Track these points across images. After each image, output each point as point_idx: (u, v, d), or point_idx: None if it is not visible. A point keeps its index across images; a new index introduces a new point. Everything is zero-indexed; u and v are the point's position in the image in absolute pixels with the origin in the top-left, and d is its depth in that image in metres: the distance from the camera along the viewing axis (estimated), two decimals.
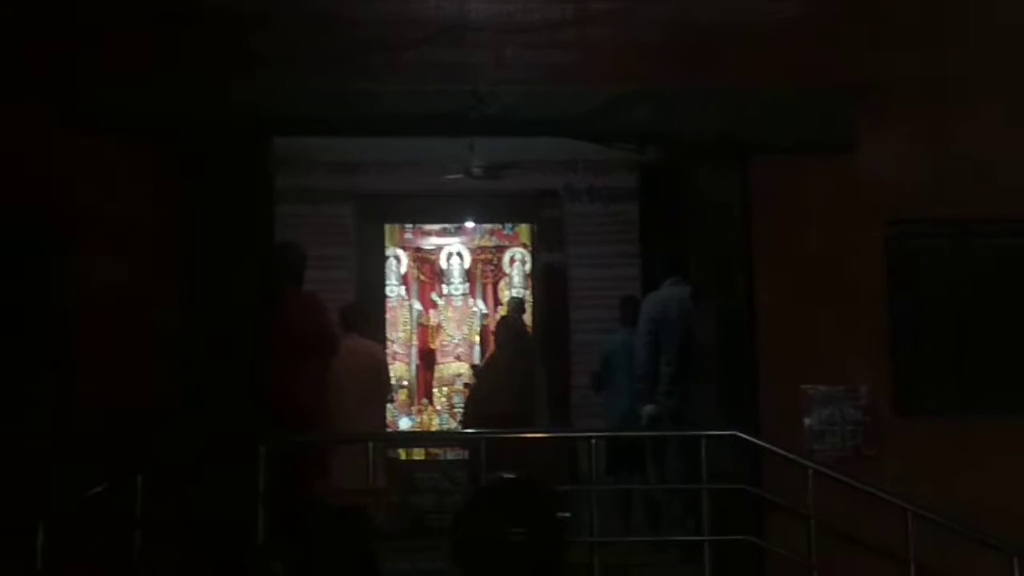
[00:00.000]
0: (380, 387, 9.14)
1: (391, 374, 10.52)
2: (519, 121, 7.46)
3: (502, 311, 13.09)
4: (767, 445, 6.98)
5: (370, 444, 6.98)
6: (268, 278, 7.71)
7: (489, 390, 9.30)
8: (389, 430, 11.16)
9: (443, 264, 13.78)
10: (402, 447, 11.63)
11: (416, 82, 7.44)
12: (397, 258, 13.47)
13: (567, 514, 3.17)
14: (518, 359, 9.39)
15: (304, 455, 7.65)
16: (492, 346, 11.28)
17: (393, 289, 13.27)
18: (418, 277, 13.83)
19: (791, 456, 6.92)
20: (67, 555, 6.43)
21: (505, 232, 13.89)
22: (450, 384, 13.40)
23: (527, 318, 12.01)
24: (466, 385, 12.80)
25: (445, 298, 13.76)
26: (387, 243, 13.08)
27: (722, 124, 7.40)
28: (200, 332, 7.22)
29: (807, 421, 7.38)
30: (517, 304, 12.07)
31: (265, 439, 6.72)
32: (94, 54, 7.30)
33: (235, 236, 7.43)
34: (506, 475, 3.24)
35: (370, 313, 10.46)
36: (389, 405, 11.06)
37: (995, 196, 7.60)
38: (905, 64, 7.56)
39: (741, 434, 6.88)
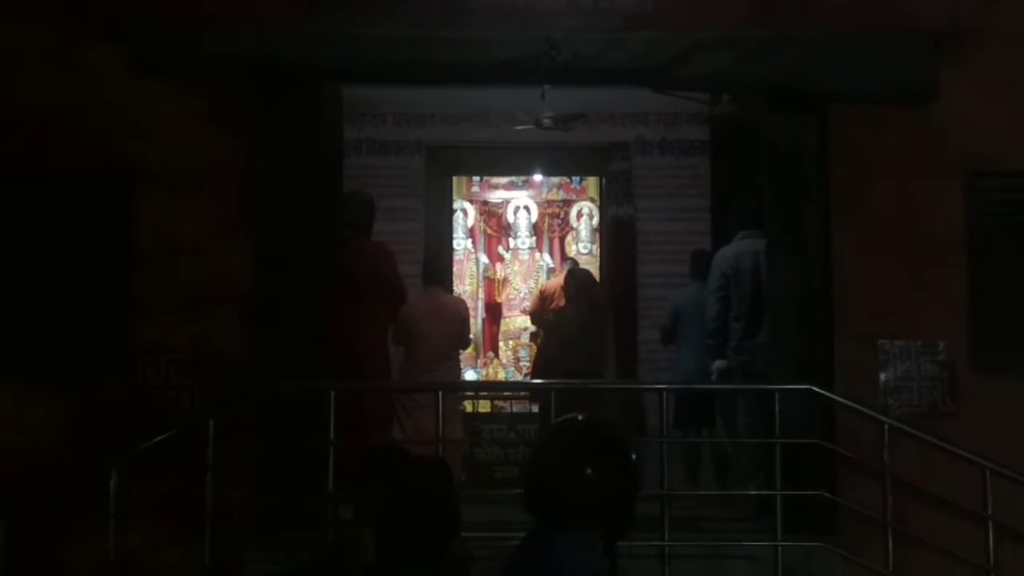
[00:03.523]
0: (460, 343, 9.12)
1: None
2: (593, 70, 7.32)
3: (567, 266, 13.03)
4: (843, 400, 6.87)
5: (439, 393, 6.94)
6: (337, 227, 7.71)
7: (560, 345, 9.21)
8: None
9: (510, 218, 13.74)
10: (470, 397, 11.63)
11: (487, 29, 7.33)
12: (464, 211, 13.45)
13: (634, 457, 3.11)
14: (588, 313, 9.30)
15: (373, 403, 7.69)
16: (547, 300, 11.32)
17: (460, 242, 13.25)
18: (485, 230, 13.80)
19: (867, 411, 6.83)
20: (139, 499, 6.52)
21: (572, 186, 13.80)
22: (516, 338, 13.39)
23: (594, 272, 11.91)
24: (533, 336, 12.77)
25: (512, 252, 13.73)
26: (454, 196, 13.04)
27: (801, 72, 7.22)
28: (269, 279, 7.21)
29: (883, 376, 7.25)
30: (574, 266, 12.04)
31: (335, 386, 6.72)
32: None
33: (305, 185, 7.40)
34: (578, 416, 3.20)
35: (450, 267, 10.47)
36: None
37: None
38: (988, 12, 7.36)
39: (817, 388, 6.78)
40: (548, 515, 3.07)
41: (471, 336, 9.71)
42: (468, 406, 11.56)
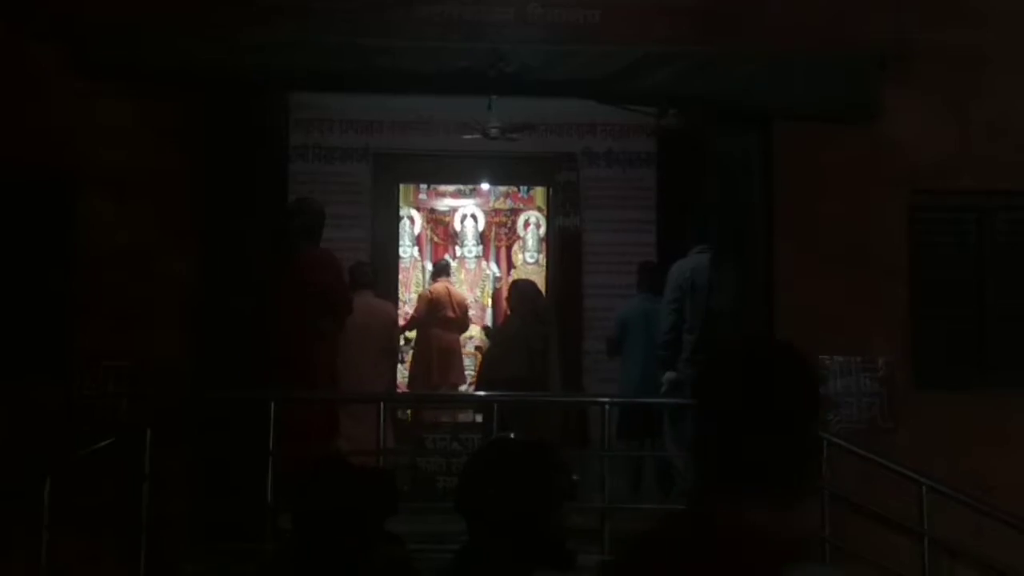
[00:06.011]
0: (392, 347, 9.05)
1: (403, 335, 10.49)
2: (540, 81, 7.33)
3: (514, 275, 13.03)
4: None
5: (381, 404, 6.89)
6: (285, 234, 7.63)
7: (503, 354, 9.20)
8: (399, 391, 11.15)
9: (457, 226, 13.71)
10: (414, 408, 11.57)
11: (435, 39, 7.32)
12: (411, 219, 13.41)
13: (574, 476, 3.12)
14: (533, 323, 9.29)
15: (315, 413, 7.61)
16: (434, 307, 11.37)
17: (406, 250, 13.20)
18: (431, 238, 13.76)
19: None
20: (74, 509, 6.42)
21: (520, 195, 13.80)
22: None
23: (539, 281, 11.89)
24: (477, 348, 12.76)
25: (458, 260, 13.68)
26: (401, 203, 12.99)
27: (746, 89, 7.27)
28: (213, 287, 7.14)
29: (823, 391, 7.27)
30: (443, 268, 12.06)
31: (276, 397, 6.66)
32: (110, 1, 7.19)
33: (249, 191, 7.34)
34: (512, 435, 3.21)
35: (379, 270, 10.45)
36: (399, 366, 11.04)
37: (1021, 168, 7.48)
38: (932, 31, 7.42)
39: None
40: (477, 521, 3.07)
41: (402, 343, 9.59)
42: (410, 415, 11.49)
